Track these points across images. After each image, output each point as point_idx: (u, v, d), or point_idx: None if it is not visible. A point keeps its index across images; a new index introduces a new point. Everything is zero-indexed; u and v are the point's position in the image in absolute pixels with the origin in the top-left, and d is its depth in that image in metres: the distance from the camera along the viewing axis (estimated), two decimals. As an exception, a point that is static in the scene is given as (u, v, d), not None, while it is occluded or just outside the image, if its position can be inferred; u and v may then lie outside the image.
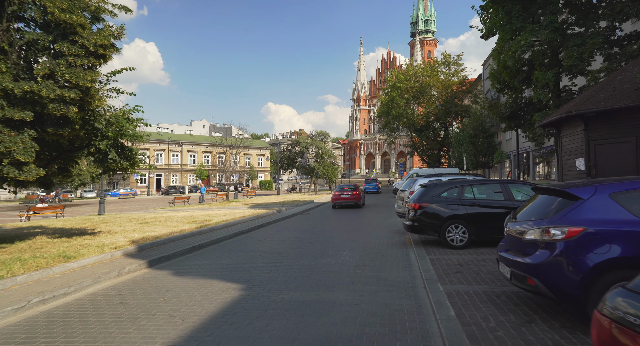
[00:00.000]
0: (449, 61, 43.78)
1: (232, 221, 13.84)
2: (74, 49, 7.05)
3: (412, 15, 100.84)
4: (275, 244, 9.90)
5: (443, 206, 8.35)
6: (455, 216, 8.17)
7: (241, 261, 7.78)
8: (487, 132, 24.34)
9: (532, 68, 14.50)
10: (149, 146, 69.78)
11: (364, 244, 9.60)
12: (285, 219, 16.23)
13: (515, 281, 4.07)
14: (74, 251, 7.56)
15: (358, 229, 12.50)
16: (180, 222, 13.55)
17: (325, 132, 49.81)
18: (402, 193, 12.03)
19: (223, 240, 10.40)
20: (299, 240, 10.44)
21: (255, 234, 11.90)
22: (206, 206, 24.40)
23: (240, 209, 20.04)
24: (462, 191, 8.46)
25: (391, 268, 6.94)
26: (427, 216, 8.44)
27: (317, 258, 7.89)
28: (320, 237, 10.93)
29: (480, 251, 7.75)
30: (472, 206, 8.19)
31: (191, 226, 12.02)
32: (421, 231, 8.58)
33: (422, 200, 8.59)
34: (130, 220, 14.70)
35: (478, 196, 8.38)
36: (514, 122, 16.28)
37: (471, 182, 8.69)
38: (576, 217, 3.61)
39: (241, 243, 10.22)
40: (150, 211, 22.93)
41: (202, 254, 8.64)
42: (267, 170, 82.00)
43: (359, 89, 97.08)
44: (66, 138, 8.14)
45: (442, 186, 8.70)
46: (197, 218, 14.99)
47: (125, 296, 5.31)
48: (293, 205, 23.38)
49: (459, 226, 8.13)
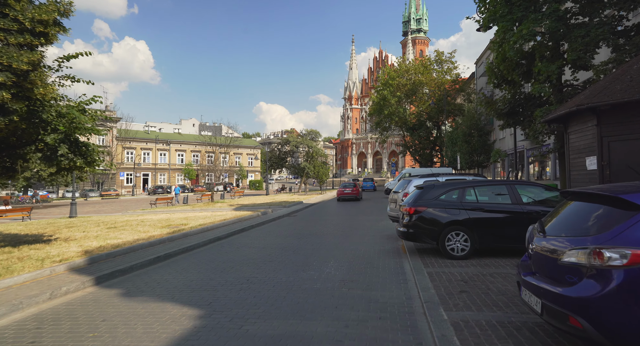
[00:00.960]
0: (441, 59, 43.02)
1: (211, 224, 12.69)
2: (3, 22, 5.86)
3: (404, 14, 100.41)
4: (254, 252, 8.80)
5: (442, 211, 7.34)
6: (455, 222, 7.17)
7: (209, 275, 6.67)
8: (482, 130, 23.51)
9: (532, 61, 13.61)
10: (135, 144, 68.01)
11: (353, 252, 8.56)
12: (269, 222, 15.12)
13: (549, 318, 3.04)
14: (5, 266, 6.36)
15: (347, 234, 11.46)
16: (153, 226, 12.36)
17: (315, 131, 48.68)
18: (395, 194, 10.99)
19: (195, 248, 9.26)
20: (281, 247, 9.36)
21: (233, 240, 10.78)
22: (189, 208, 23.16)
23: (223, 211, 18.86)
24: (463, 193, 7.46)
25: (383, 284, 5.90)
26: (423, 221, 7.42)
27: (298, 271, 6.82)
28: (305, 243, 9.87)
29: (485, 263, 6.75)
30: (474, 211, 7.20)
31: (162, 232, 10.85)
32: (417, 239, 7.57)
33: (418, 204, 7.57)
34: (98, 224, 13.45)
35: (481, 199, 7.39)
36: (512, 119, 15.39)
37: (473, 183, 7.70)
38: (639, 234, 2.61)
39: (215, 251, 9.10)
40: (128, 212, 21.61)
41: (166, 266, 7.51)
42: (257, 170, 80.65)
43: (350, 87, 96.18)
44: (4, 131, 6.94)
45: (441, 188, 7.69)
46: (173, 222, 13.80)
47: (44, 332, 4.16)
48: (280, 206, 22.27)
49: (460, 234, 7.13)
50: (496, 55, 14.44)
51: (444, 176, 10.90)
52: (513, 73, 13.97)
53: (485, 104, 15.75)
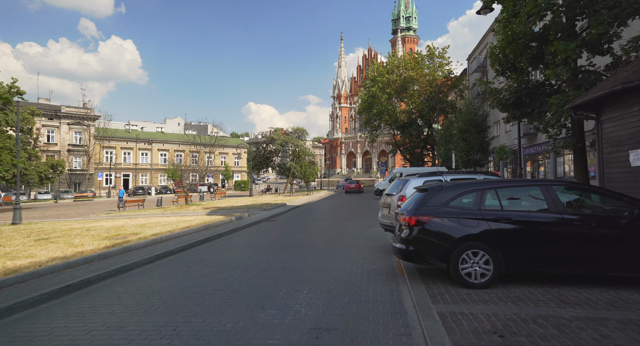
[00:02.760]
0: (433, 54, 41.41)
1: (168, 234, 10.56)
2: None
3: (393, 12, 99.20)
4: (206, 274, 6.74)
5: (453, 221, 5.39)
6: (472, 237, 5.24)
7: (122, 319, 4.60)
8: (480, 126, 21.78)
9: (543, 43, 11.84)
10: (115, 143, 65.00)
11: (335, 273, 6.58)
12: (242, 230, 13.04)
13: None
14: None
15: (331, 245, 9.47)
16: (95, 237, 10.18)
17: (302, 129, 46.43)
18: (389, 197, 8.92)
19: (129, 270, 7.14)
20: (244, 266, 7.31)
21: (188, 255, 8.68)
22: (159, 211, 20.88)
23: (192, 216, 16.69)
24: (481, 197, 5.53)
25: (375, 335, 3.92)
26: (429, 236, 5.47)
27: (254, 309, 4.80)
28: (276, 260, 7.84)
29: (516, 295, 4.82)
30: (498, 221, 5.27)
31: (100, 245, 8.69)
32: (420, 259, 5.61)
33: (420, 212, 5.61)
34: (29, 234, 11.18)
35: (507, 205, 5.46)
36: (519, 110, 13.59)
37: (493, 184, 5.76)
38: None
39: (156, 273, 7.01)
40: (89, 217, 19.25)
41: (70, 303, 5.39)
42: (244, 170, 78.24)
43: (339, 86, 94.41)
44: None
45: (450, 190, 5.74)
46: (126, 230, 11.62)
47: None
48: (261, 209, 20.17)
49: (478, 253, 5.19)
50: (502, 38, 12.62)
51: (448, 175, 8.88)
52: (521, 58, 12.16)
53: (488, 93, 13.94)
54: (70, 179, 56.67)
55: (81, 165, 58.26)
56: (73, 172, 56.68)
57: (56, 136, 55.95)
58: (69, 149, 56.77)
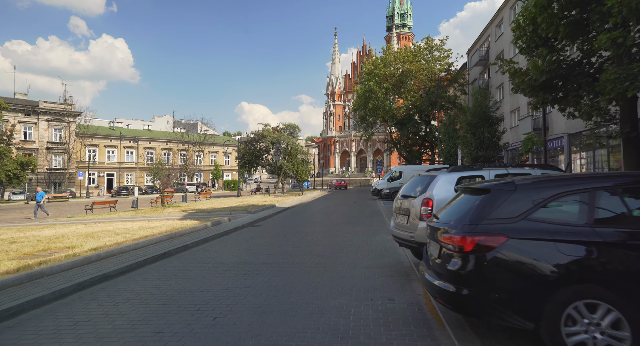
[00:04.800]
0: (431, 46, 39.23)
1: (111, 248, 8.06)
2: None
3: (387, 9, 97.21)
4: (130, 326, 4.30)
5: (546, 246, 3.03)
6: (585, 276, 2.89)
7: None
8: (490, 119, 19.55)
9: (586, 7, 9.60)
10: (98, 141, 61.89)
11: (333, 321, 4.18)
12: (216, 239, 10.58)
13: None
14: None
15: (325, 264, 7.06)
16: (10, 253, 7.67)
17: (294, 125, 43.83)
18: (406, 201, 6.37)
19: (19, 314, 4.66)
20: (195, 306, 4.87)
21: (124, 282, 6.20)
22: (129, 215, 18.26)
23: (162, 221, 14.17)
24: (591, 201, 3.17)
25: None
26: (499, 271, 3.10)
27: None
28: (248, 291, 5.42)
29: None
30: (634, 249, 2.91)
31: (2, 268, 6.18)
32: (483, 312, 3.23)
33: (481, 229, 3.24)
34: None
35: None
36: (550, 95, 11.33)
37: (602, 180, 3.40)
38: None
39: (51, 322, 4.54)
40: (43, 222, 16.62)
41: None
42: (234, 169, 75.50)
43: (333, 83, 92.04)
44: None
45: (534, 190, 3.36)
46: (63, 242, 9.11)
47: None
48: (245, 212, 17.70)
49: (598, 307, 2.84)
50: (533, 3, 10.34)
51: (491, 170, 6.32)
52: (558, 27, 9.90)
53: (512, 75, 11.68)
54: (50, 179, 53.51)
55: (61, 164, 55.08)
56: (53, 171, 53.51)
57: (34, 133, 52.72)
58: (48, 147, 53.59)
